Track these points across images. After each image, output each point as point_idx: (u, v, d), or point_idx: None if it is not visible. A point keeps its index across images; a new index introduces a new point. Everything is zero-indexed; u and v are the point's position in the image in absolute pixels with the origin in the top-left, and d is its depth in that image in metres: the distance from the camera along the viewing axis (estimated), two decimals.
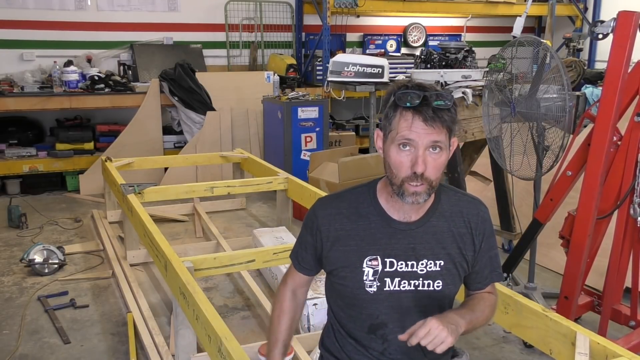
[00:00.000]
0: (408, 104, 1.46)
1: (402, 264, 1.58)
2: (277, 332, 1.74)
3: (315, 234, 1.65)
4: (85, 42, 6.33)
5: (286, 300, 1.78)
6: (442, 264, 1.60)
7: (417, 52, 4.40)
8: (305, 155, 5.46)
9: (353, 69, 4.86)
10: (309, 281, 1.80)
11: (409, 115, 1.47)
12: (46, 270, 3.88)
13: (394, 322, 1.60)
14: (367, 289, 1.59)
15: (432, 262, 1.59)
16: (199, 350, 2.68)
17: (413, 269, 1.59)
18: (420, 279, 1.59)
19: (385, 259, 1.59)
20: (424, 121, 1.45)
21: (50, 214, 5.14)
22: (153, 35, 6.59)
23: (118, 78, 6.13)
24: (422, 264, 1.59)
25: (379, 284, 1.58)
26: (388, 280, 1.58)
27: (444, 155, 1.50)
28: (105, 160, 4.63)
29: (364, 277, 1.59)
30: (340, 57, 5.11)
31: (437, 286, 1.60)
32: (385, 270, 1.58)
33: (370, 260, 1.59)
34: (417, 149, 1.47)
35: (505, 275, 3.36)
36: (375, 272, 1.58)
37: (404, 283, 1.59)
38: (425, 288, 1.59)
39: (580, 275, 2.82)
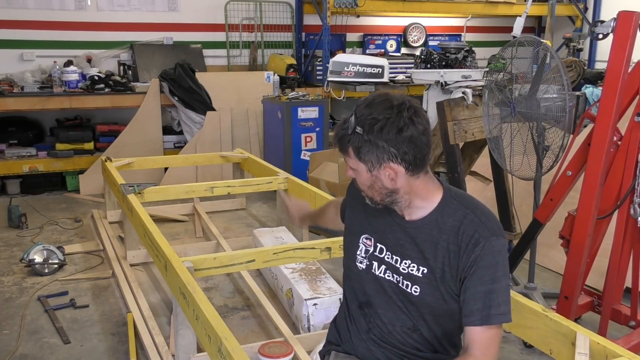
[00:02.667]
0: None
1: (388, 255, 1.65)
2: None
3: (350, 191, 1.84)
4: (85, 42, 6.32)
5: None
6: (425, 272, 1.59)
7: (417, 52, 4.40)
8: (305, 155, 5.46)
9: (353, 69, 4.86)
10: (338, 214, 2.00)
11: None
12: (46, 270, 3.88)
13: (380, 306, 1.67)
14: (357, 263, 1.70)
15: (414, 265, 1.60)
16: (199, 350, 2.68)
17: (396, 264, 1.63)
18: (401, 277, 1.63)
19: (377, 244, 1.67)
20: (340, 151, 1.65)
21: (50, 214, 5.14)
22: (153, 35, 6.59)
23: (118, 78, 6.12)
24: (405, 264, 1.61)
25: (367, 263, 1.68)
26: (375, 264, 1.67)
27: (362, 176, 1.60)
28: (105, 160, 4.62)
29: (357, 252, 1.70)
30: (340, 57, 5.10)
31: (415, 291, 1.60)
32: (375, 254, 1.67)
33: (366, 239, 1.70)
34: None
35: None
36: (366, 251, 1.69)
37: (388, 273, 1.65)
38: (404, 288, 1.62)
39: (580, 275, 2.82)
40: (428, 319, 1.63)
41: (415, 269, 1.59)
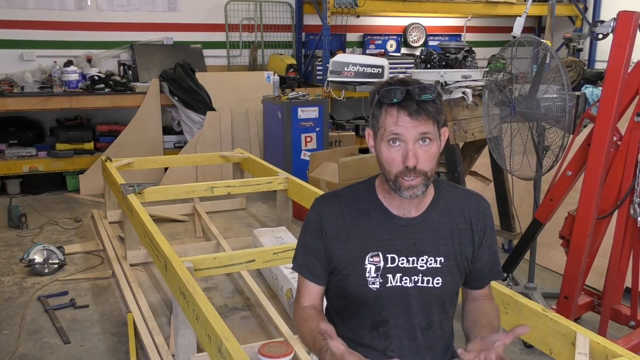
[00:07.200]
0: (392, 100, 1.49)
1: (403, 260, 1.59)
2: (311, 330, 1.56)
3: (322, 236, 1.62)
4: (85, 42, 6.32)
5: (307, 309, 1.65)
6: (442, 260, 1.60)
7: (417, 52, 4.40)
8: (305, 155, 5.46)
9: (353, 69, 4.85)
10: (323, 293, 1.69)
11: (393, 111, 1.50)
12: (46, 270, 3.88)
13: (396, 318, 1.61)
14: (369, 286, 1.59)
15: (432, 258, 1.59)
16: (199, 350, 2.68)
17: (413, 265, 1.59)
18: (420, 275, 1.59)
19: (387, 255, 1.59)
20: (409, 115, 1.48)
21: (50, 214, 5.14)
22: (153, 35, 6.59)
23: (118, 78, 6.12)
24: (423, 260, 1.59)
25: (381, 280, 1.59)
26: (390, 276, 1.59)
27: (435, 145, 1.53)
28: (105, 160, 4.63)
29: (367, 274, 1.59)
30: (340, 57, 5.09)
31: (437, 283, 1.60)
32: (387, 266, 1.59)
33: (372, 257, 1.59)
34: (406, 143, 1.49)
35: (505, 275, 3.36)
36: (377, 269, 1.59)
37: (405, 279, 1.59)
38: (425, 285, 1.60)
39: (580, 275, 2.82)
40: (447, 307, 1.65)
41: (432, 260, 1.59)
